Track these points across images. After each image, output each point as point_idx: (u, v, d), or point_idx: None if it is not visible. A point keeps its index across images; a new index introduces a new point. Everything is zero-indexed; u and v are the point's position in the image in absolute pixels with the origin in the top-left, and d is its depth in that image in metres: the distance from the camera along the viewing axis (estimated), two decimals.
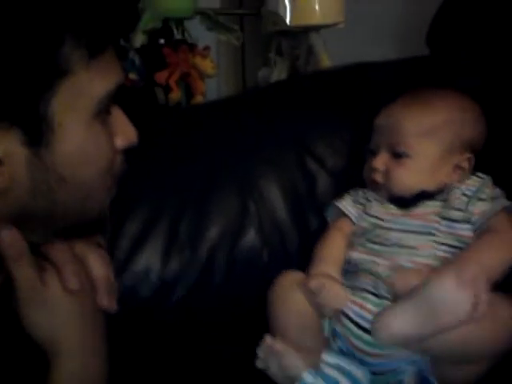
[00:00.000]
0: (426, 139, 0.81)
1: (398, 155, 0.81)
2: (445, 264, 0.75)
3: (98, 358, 0.63)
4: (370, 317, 0.74)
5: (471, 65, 0.98)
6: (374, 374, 0.75)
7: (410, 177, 0.81)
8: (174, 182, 0.92)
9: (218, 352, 0.71)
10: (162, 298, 0.86)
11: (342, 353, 0.76)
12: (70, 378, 0.60)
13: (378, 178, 0.82)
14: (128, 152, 0.66)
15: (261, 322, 0.77)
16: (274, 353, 0.73)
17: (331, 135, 0.99)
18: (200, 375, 0.76)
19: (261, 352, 0.74)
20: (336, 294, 0.76)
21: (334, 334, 0.77)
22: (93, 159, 0.60)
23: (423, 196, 0.81)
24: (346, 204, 0.86)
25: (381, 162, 0.82)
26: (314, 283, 0.75)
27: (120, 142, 0.64)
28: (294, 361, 0.72)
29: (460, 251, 0.77)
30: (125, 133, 0.64)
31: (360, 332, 0.74)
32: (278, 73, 1.52)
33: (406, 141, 0.81)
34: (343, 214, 0.86)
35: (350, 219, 0.85)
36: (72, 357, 0.61)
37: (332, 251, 0.82)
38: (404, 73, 1.01)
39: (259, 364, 0.74)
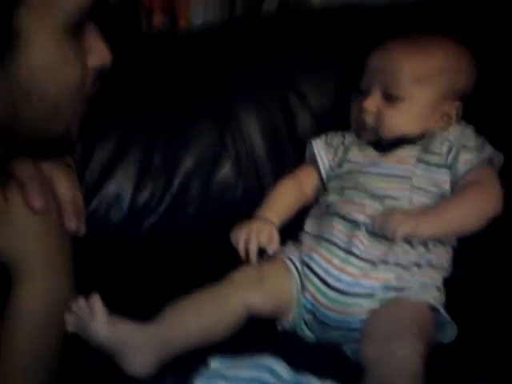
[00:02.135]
0: (422, 84, 0.79)
1: (390, 98, 0.79)
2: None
3: (62, 279, 0.62)
4: (336, 273, 0.74)
5: (463, 13, 0.96)
6: (332, 328, 0.74)
7: (401, 120, 0.79)
8: (150, 108, 0.89)
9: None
10: (132, 225, 0.85)
11: (307, 311, 0.75)
12: (33, 298, 0.59)
13: (369, 119, 0.80)
14: (104, 74, 0.64)
15: (231, 256, 0.77)
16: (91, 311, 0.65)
17: (318, 74, 0.97)
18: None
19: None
20: (268, 234, 0.76)
21: (303, 289, 0.76)
22: (61, 75, 0.58)
23: (403, 140, 0.80)
24: (321, 148, 0.85)
25: (372, 103, 0.80)
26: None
27: (92, 61, 0.61)
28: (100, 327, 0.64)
29: (437, 197, 0.77)
30: (98, 52, 0.61)
31: (325, 288, 0.74)
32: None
33: (402, 83, 0.79)
34: (315, 161, 0.85)
35: (319, 168, 0.85)
36: (35, 277, 0.60)
37: (281, 202, 0.82)
38: (396, 18, 0.98)
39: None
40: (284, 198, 0.83)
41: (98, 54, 0.62)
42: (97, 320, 0.65)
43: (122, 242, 0.85)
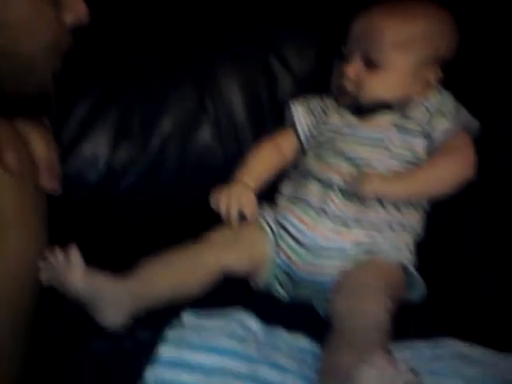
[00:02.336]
0: (404, 50, 0.79)
1: (371, 64, 0.79)
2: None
3: (36, 239, 0.63)
4: (309, 232, 0.75)
5: None
6: (305, 287, 0.76)
7: (381, 87, 0.80)
8: (130, 68, 0.89)
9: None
10: (109, 185, 0.85)
11: (281, 270, 0.77)
12: (6, 256, 0.60)
13: (349, 86, 0.81)
14: (83, 32, 0.64)
15: (208, 217, 0.78)
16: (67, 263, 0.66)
17: (300, 39, 0.96)
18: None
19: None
20: (247, 199, 0.78)
21: (278, 249, 0.77)
22: (35, 31, 0.58)
23: (381, 105, 0.81)
24: (300, 111, 0.86)
25: (353, 69, 0.80)
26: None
27: (68, 17, 0.61)
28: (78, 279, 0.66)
29: (411, 163, 0.78)
30: (75, 9, 0.61)
31: (298, 247, 0.76)
32: None
33: (383, 49, 0.79)
34: (293, 124, 0.86)
35: (297, 131, 0.85)
36: (8, 235, 0.60)
37: (259, 165, 0.83)
38: None
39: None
40: (263, 162, 0.84)
41: (75, 10, 0.61)
42: (74, 270, 0.66)
43: (98, 201, 0.85)
